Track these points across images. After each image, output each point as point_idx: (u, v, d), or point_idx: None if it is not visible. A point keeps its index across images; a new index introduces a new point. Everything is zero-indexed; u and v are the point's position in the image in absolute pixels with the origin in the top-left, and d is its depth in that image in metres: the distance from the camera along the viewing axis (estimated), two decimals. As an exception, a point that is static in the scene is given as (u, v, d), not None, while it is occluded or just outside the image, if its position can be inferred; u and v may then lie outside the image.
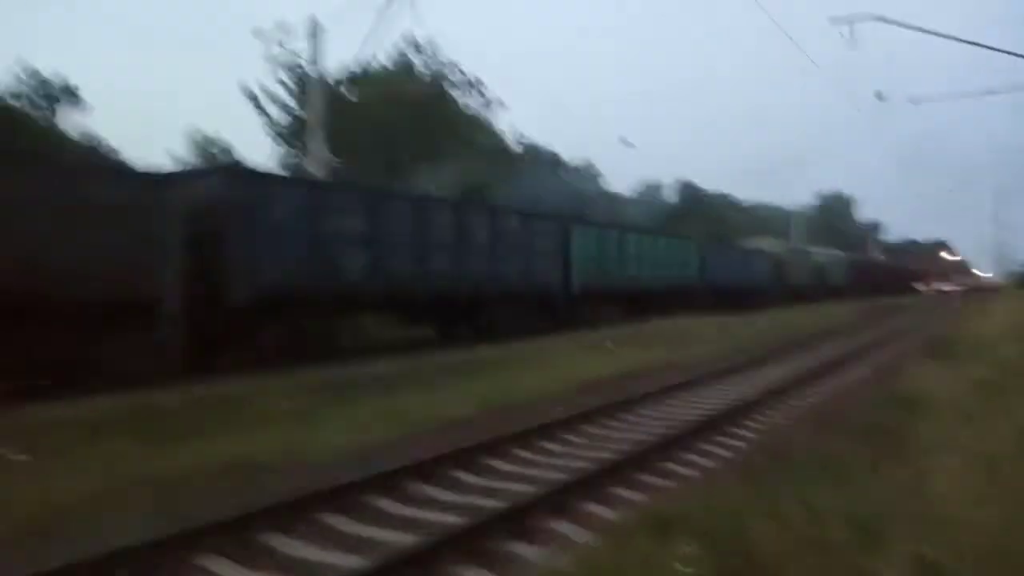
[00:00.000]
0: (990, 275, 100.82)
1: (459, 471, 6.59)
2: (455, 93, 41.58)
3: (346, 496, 5.70)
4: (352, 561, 4.59)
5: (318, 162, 17.38)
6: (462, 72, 40.95)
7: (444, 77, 41.29)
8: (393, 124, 36.58)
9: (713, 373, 12.31)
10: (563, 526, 5.18)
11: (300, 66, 30.65)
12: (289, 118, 36.32)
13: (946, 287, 78.84)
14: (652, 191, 67.77)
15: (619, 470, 6.34)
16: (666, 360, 14.38)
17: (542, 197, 35.18)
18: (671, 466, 6.77)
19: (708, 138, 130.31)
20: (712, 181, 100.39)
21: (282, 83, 35.39)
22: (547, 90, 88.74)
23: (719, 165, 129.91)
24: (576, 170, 63.06)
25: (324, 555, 4.78)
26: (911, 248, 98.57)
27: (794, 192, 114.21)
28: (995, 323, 16.63)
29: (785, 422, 8.75)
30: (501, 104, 43.31)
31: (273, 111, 36.16)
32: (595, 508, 5.55)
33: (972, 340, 14.23)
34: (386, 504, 5.75)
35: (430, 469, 6.44)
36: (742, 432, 8.21)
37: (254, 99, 35.53)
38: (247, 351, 12.54)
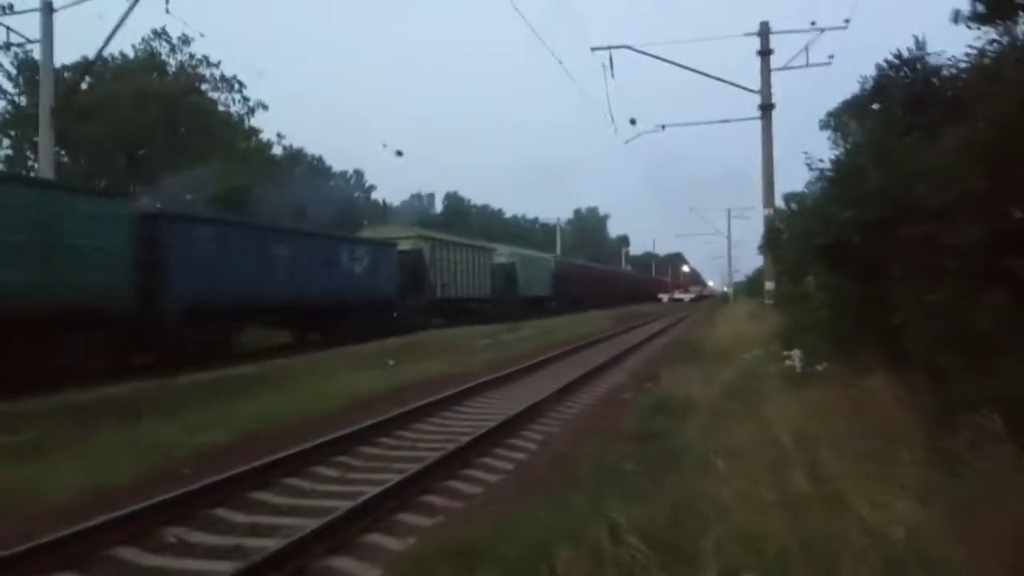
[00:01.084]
0: (712, 284, 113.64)
1: (222, 508, 5.86)
2: (212, 93, 38.76)
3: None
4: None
5: (45, 158, 15.14)
6: (219, 70, 38.26)
7: (198, 75, 38.37)
8: (138, 121, 33.24)
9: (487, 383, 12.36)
10: (346, 562, 4.74)
11: (25, 50, 26.83)
12: (9, 107, 31.77)
13: (679, 295, 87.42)
14: (421, 200, 68.13)
15: (401, 492, 5.99)
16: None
17: (307, 205, 33.86)
18: (456, 484, 6.54)
19: (478, 151, 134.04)
20: (480, 193, 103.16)
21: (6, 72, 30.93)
22: (314, 93, 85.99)
23: (487, 177, 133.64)
24: (344, 177, 61.77)
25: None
26: (652, 260, 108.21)
27: (555, 206, 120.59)
28: (730, 331, 18.46)
29: (560, 430, 8.92)
30: (262, 106, 41.03)
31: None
32: (382, 539, 5.16)
33: (713, 346, 15.65)
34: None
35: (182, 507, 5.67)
36: (521, 443, 8.21)
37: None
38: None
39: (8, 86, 31.86)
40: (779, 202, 20.49)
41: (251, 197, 30.06)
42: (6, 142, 32.07)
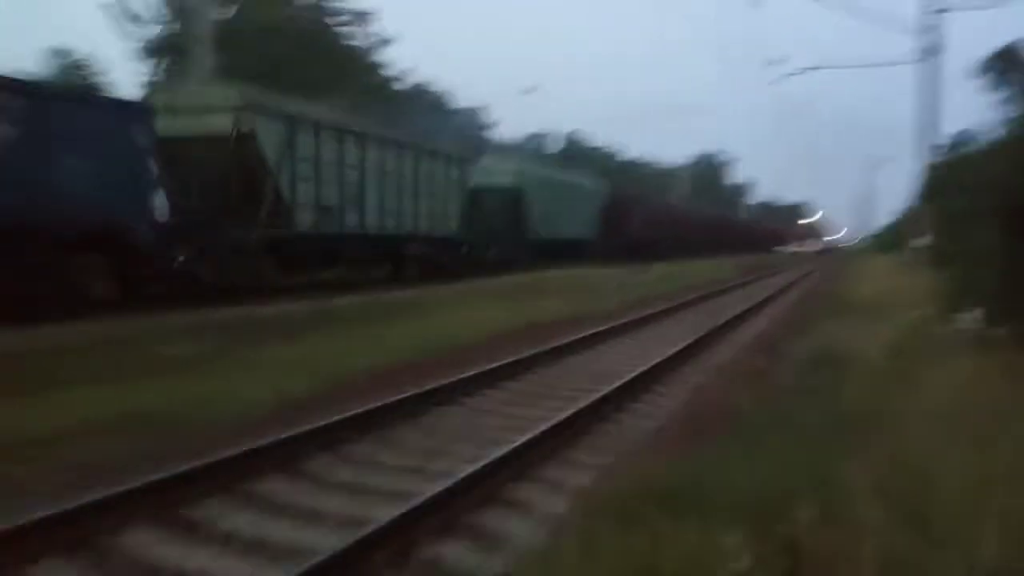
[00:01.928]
0: (840, 236, 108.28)
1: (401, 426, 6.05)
2: (340, 27, 39.36)
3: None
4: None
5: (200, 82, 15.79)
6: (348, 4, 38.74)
7: (329, 8, 39.00)
8: (272, 52, 34.22)
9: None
10: (532, 493, 4.77)
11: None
12: (155, 31, 33.23)
13: (801, 247, 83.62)
14: (539, 140, 67.58)
15: (566, 425, 5.97)
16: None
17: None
18: (615, 426, 6.48)
19: (607, 90, 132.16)
20: (603, 134, 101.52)
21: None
22: (441, 28, 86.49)
23: (610, 115, 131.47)
24: (466, 114, 61.87)
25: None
26: (773, 210, 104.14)
27: (677, 148, 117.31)
28: (877, 287, 17.49)
29: (713, 378, 8.71)
30: (390, 40, 41.41)
31: (136, 28, 32.90)
32: (559, 472, 5.18)
33: (860, 301, 14.87)
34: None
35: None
36: (673, 388, 8.07)
37: (117, 11, 32.01)
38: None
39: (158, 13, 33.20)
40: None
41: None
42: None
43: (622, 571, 2.81)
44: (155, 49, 32.90)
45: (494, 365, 8.23)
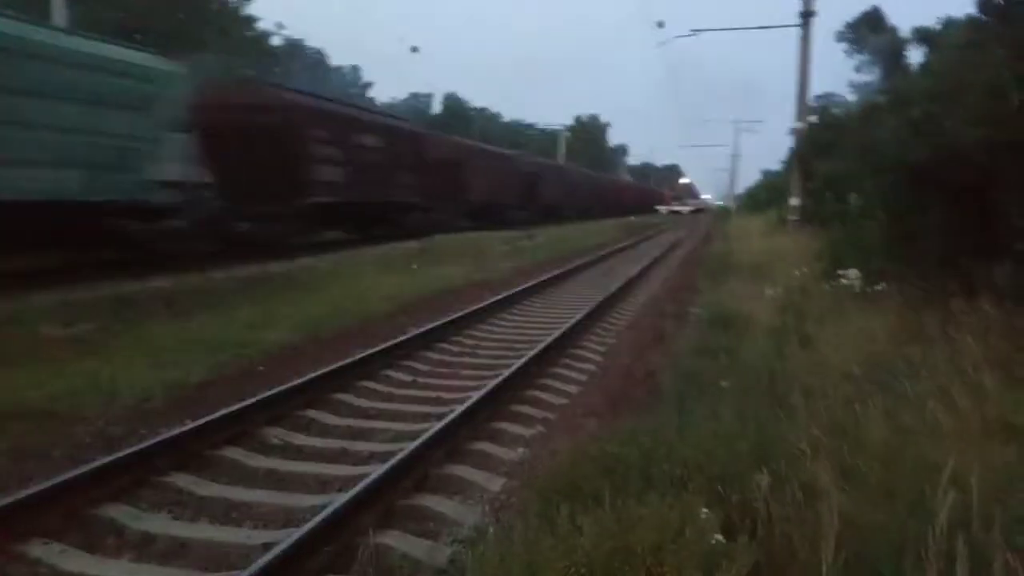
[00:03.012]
0: (708, 198, 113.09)
1: (312, 409, 5.75)
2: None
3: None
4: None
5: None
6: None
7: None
8: (137, 4, 31.77)
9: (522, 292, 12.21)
10: (466, 471, 4.65)
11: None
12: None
13: (677, 208, 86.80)
14: (420, 100, 66.42)
15: (486, 400, 5.86)
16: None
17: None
18: (537, 394, 6.43)
19: (480, 48, 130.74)
20: (479, 95, 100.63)
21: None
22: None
23: (488, 77, 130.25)
24: (340, 73, 59.97)
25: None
26: (650, 171, 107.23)
27: (553, 111, 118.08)
28: (756, 247, 18.27)
29: (616, 342, 8.83)
30: (263, -8, 39.26)
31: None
32: (491, 448, 5.08)
33: (744, 262, 15.47)
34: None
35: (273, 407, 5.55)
36: (582, 353, 8.10)
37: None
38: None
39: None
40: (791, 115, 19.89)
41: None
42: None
43: (596, 551, 2.73)
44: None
45: (401, 338, 8.01)
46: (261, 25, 41.91)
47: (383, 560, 3.50)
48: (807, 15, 18.84)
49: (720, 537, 2.72)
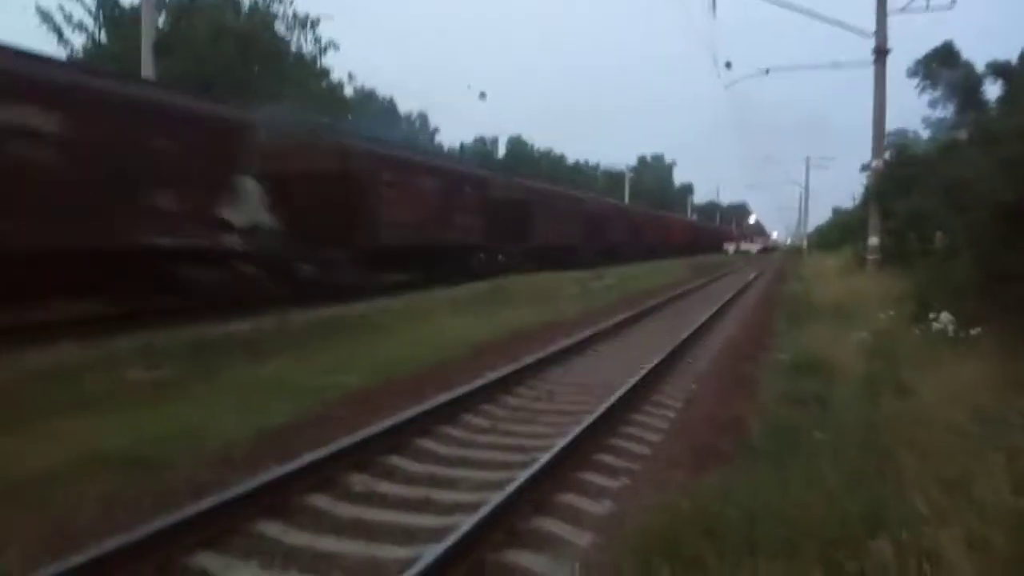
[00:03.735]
0: (776, 236, 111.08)
1: (395, 456, 5.72)
2: (285, 32, 38.54)
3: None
4: None
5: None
6: (292, 7, 37.91)
7: (273, 13, 38.16)
8: (214, 58, 33.31)
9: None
10: (550, 524, 4.53)
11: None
12: (89, 43, 31.96)
13: (745, 247, 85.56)
14: (485, 145, 67.39)
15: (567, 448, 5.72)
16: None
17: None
18: (619, 442, 6.27)
19: (549, 93, 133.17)
20: (543, 138, 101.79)
21: (85, 7, 31.10)
22: (386, 28, 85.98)
23: (553, 120, 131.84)
24: (409, 120, 61.43)
25: None
26: (717, 210, 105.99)
27: (618, 151, 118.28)
28: (835, 287, 17.74)
29: (699, 388, 8.61)
30: (333, 45, 40.69)
31: (77, 39, 31.53)
32: (575, 499, 4.93)
33: (823, 303, 15.02)
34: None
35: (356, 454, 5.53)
36: (663, 399, 7.91)
37: (53, 24, 30.49)
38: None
39: (89, 22, 32.00)
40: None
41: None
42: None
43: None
44: (92, 57, 31.58)
45: (479, 383, 7.97)
46: (335, 76, 43.38)
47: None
48: (881, 52, 18.46)
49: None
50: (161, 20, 29.42)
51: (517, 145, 74.95)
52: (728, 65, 22.72)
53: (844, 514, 3.39)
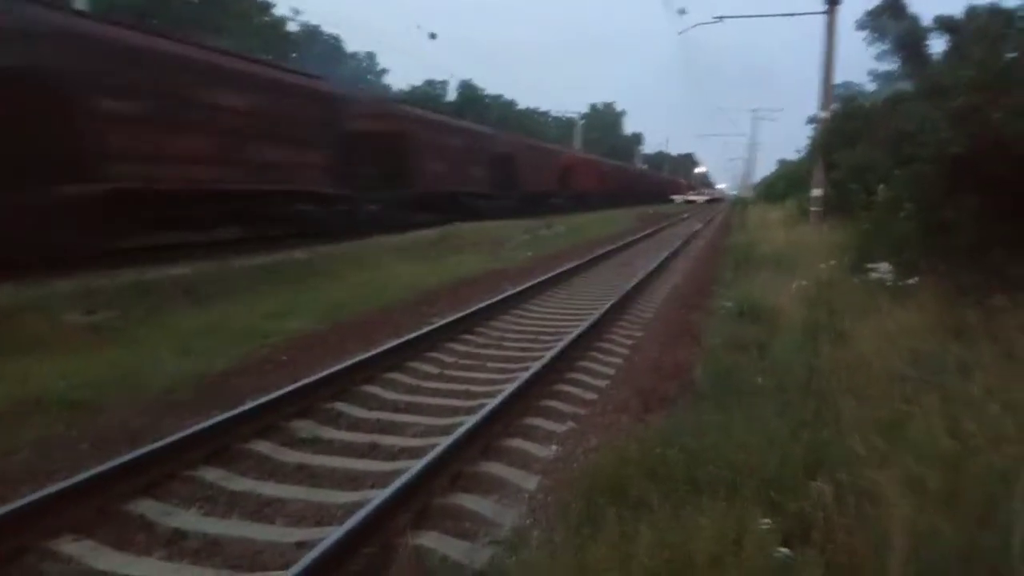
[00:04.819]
0: (724, 187, 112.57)
1: (340, 402, 5.65)
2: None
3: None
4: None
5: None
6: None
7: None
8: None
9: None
10: (499, 468, 4.53)
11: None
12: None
13: (693, 197, 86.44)
14: (435, 87, 66.08)
15: (515, 394, 5.74)
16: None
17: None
18: (566, 388, 6.30)
19: (500, 38, 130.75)
20: (495, 83, 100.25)
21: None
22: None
23: (504, 65, 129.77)
24: (356, 59, 59.78)
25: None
26: (665, 160, 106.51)
27: (568, 98, 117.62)
28: (779, 238, 18.01)
29: (644, 334, 8.68)
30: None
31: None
32: (523, 444, 4.94)
33: (767, 254, 15.22)
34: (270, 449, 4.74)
35: (301, 400, 5.45)
36: (609, 346, 7.96)
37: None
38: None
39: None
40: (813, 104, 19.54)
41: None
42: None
43: (651, 561, 2.61)
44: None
45: (426, 329, 7.90)
46: (278, 10, 41.83)
47: (422, 561, 3.40)
48: (833, 2, 18.48)
49: (785, 550, 2.59)
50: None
51: (467, 89, 73.70)
52: (682, 11, 22.47)
53: (785, 456, 3.46)
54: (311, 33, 48.14)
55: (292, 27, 44.43)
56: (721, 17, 21.35)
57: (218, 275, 10.71)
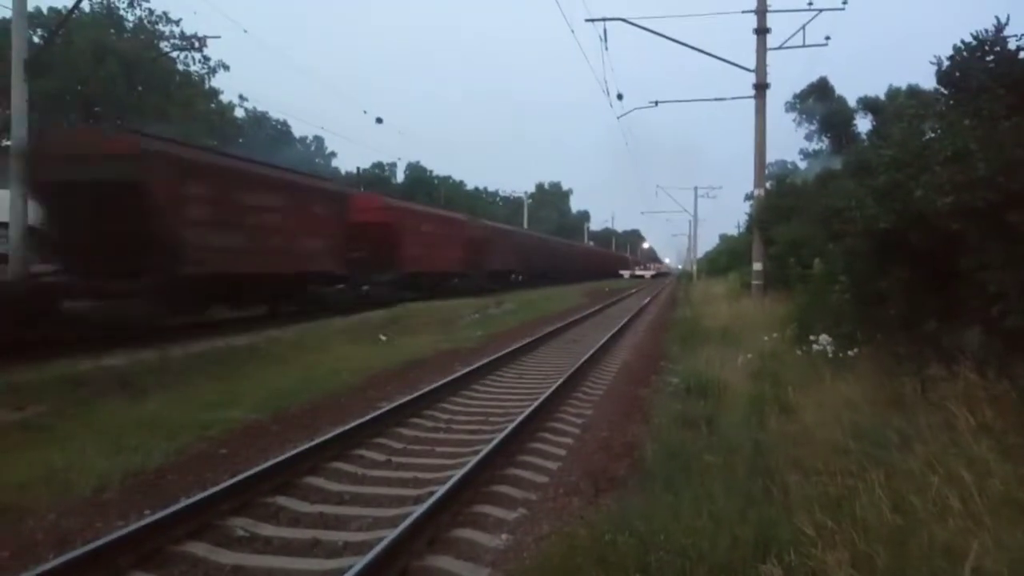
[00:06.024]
0: (669, 262, 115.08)
1: (281, 496, 5.44)
2: (171, 52, 37.20)
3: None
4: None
5: (19, 115, 14.01)
6: (179, 27, 36.68)
7: (159, 33, 36.81)
8: (96, 77, 31.75)
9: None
10: (447, 562, 4.38)
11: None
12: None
13: (640, 272, 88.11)
14: (383, 170, 66.83)
15: (463, 480, 5.61)
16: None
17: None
18: (516, 471, 6.19)
19: (447, 120, 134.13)
20: (442, 165, 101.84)
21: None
22: (280, 53, 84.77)
23: (450, 147, 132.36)
24: (305, 143, 60.34)
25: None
26: (612, 237, 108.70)
27: (516, 180, 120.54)
28: (722, 311, 18.38)
29: (594, 412, 8.65)
30: (223, 66, 39.66)
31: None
32: (473, 534, 4.80)
33: (711, 327, 15.47)
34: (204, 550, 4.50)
35: (238, 495, 5.23)
36: (560, 426, 7.89)
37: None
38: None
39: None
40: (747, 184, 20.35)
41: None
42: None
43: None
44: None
45: (374, 414, 7.74)
46: (224, 97, 42.15)
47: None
48: (761, 87, 19.42)
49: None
50: (36, 38, 27.80)
51: (416, 171, 74.72)
52: (620, 96, 23.57)
53: (734, 538, 3.42)
54: (258, 119, 48.52)
55: (239, 113, 44.74)
56: (656, 102, 22.22)
57: (157, 364, 10.39)
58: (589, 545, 3.80)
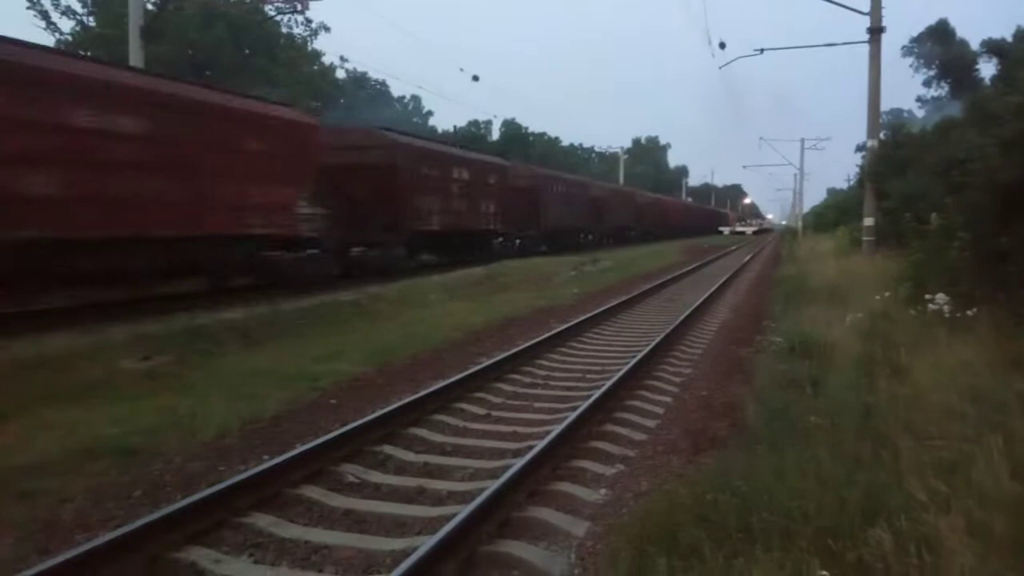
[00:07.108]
0: (772, 217, 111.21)
1: (387, 445, 5.67)
2: (277, 15, 38.13)
3: (268, 489, 4.66)
4: None
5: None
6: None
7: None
8: (205, 42, 33.03)
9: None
10: (547, 514, 4.48)
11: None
12: (78, 28, 31.66)
13: (741, 228, 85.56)
14: (479, 128, 66.95)
15: (562, 436, 5.69)
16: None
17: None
18: (614, 428, 6.23)
19: (543, 76, 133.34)
20: (539, 121, 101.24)
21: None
22: (378, 13, 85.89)
23: (548, 104, 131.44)
24: (403, 103, 61.05)
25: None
26: (712, 192, 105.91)
27: (612, 133, 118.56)
28: (831, 269, 17.67)
29: (694, 371, 8.56)
30: (325, 28, 40.43)
31: (66, 24, 31.28)
32: (571, 488, 4.89)
33: (819, 285, 14.92)
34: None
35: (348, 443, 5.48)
36: (658, 384, 7.85)
37: (41, 8, 30.25)
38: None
39: (77, 6, 31.73)
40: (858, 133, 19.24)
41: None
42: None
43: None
44: (79, 44, 31.24)
45: (473, 369, 7.92)
46: (326, 58, 43.10)
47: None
48: (876, 31, 18.28)
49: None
50: (150, 4, 29.12)
51: (511, 128, 74.50)
52: (722, 45, 22.58)
53: (841, 501, 3.35)
54: (358, 79, 49.37)
55: (340, 74, 45.68)
56: (762, 50, 21.26)
57: (269, 318, 10.92)
58: (690, 503, 3.79)
